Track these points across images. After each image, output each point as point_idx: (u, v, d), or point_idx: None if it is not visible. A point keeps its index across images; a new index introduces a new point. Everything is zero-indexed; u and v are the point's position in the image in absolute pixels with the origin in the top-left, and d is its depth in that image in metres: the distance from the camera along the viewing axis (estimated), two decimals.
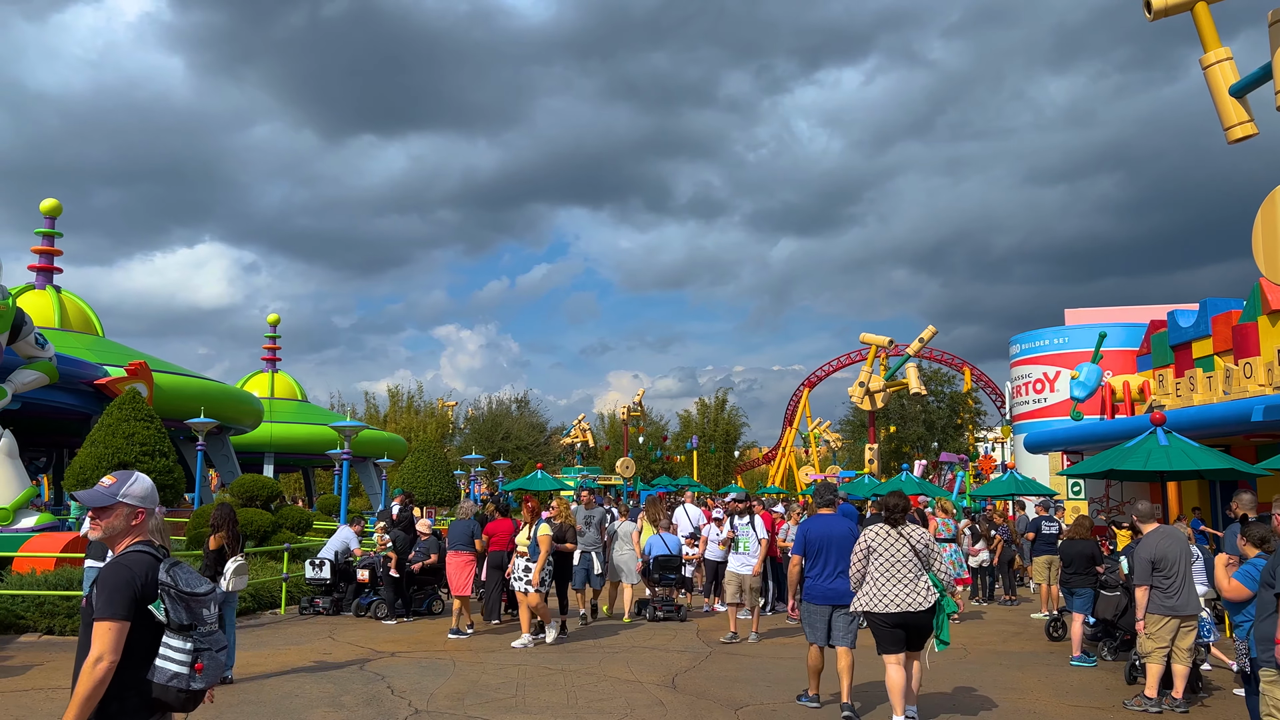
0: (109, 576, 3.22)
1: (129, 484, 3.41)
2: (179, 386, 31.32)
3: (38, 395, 17.62)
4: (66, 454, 35.70)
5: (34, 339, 14.91)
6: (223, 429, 33.49)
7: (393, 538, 13.45)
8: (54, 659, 9.88)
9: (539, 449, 66.65)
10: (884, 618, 7.21)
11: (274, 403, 44.69)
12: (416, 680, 9.05)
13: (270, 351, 49.12)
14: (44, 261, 34.92)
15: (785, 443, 61.06)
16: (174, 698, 3.23)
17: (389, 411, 70.21)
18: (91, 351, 30.22)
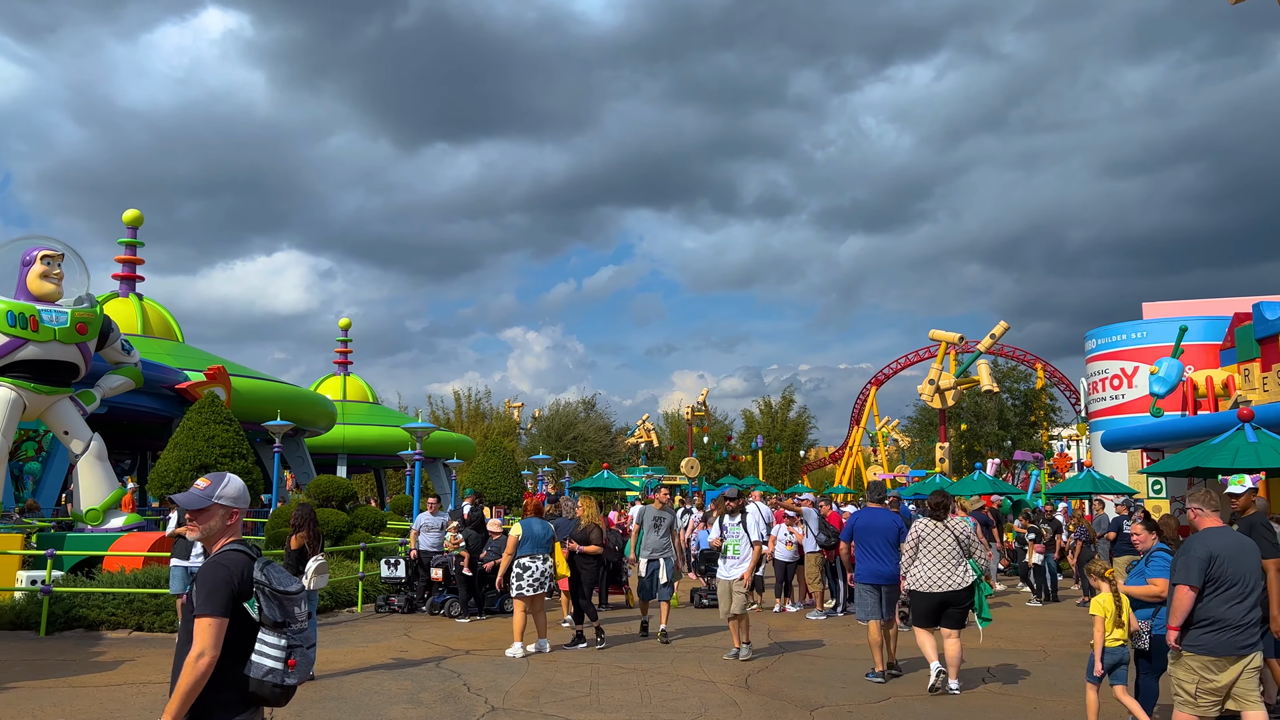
0: (208, 575, 3.33)
1: (222, 486, 3.51)
2: (256, 390, 32.12)
3: (123, 399, 18.24)
4: (150, 456, 36.93)
5: (120, 345, 15.41)
6: (298, 431, 34.26)
7: (465, 537, 13.63)
8: (144, 654, 10.21)
9: (605, 449, 66.93)
10: (929, 596, 8.66)
11: (346, 405, 45.58)
12: (492, 678, 9.16)
13: (342, 355, 50.10)
14: (127, 270, 36.15)
15: (852, 442, 60.38)
16: (269, 692, 3.32)
17: (457, 413, 71.17)
18: (172, 357, 31.18)
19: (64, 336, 13.76)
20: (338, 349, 50.32)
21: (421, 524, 14.29)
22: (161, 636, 11.33)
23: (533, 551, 10.60)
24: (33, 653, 10.24)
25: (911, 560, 8.81)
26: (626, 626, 12.87)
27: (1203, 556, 5.85)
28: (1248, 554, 5.95)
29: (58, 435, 14.98)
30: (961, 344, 45.45)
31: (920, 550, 8.76)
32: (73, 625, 11.59)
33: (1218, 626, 5.77)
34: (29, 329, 13.44)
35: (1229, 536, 6.04)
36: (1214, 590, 5.81)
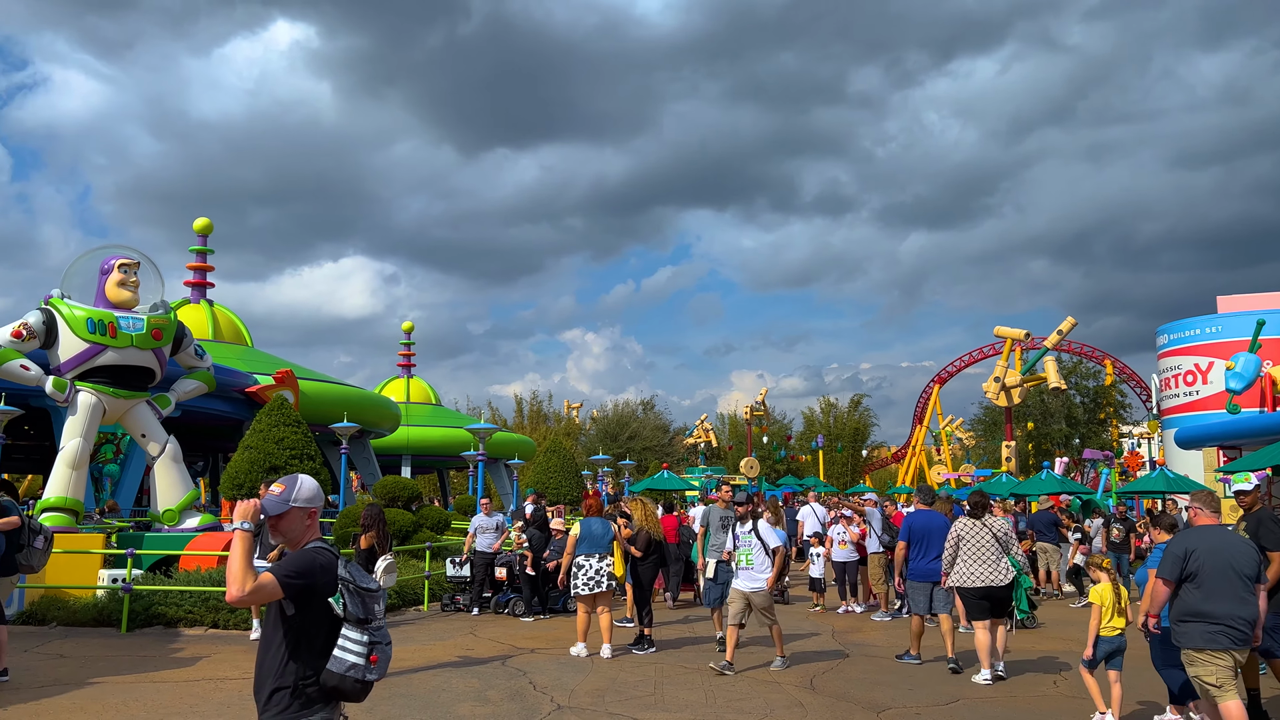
0: (300, 556, 3.45)
1: (297, 489, 3.61)
2: (323, 393, 32.76)
3: (195, 403, 18.74)
4: (221, 458, 37.91)
5: (194, 350, 15.84)
6: (364, 433, 34.87)
7: (528, 536, 13.75)
8: (219, 651, 10.49)
9: (664, 449, 66.96)
10: (972, 591, 9.17)
11: (410, 407, 46.26)
12: (557, 676, 9.23)
13: (405, 358, 50.86)
14: (198, 277, 37.17)
15: (915, 441, 59.58)
16: (351, 687, 3.40)
17: (518, 414, 71.79)
18: (242, 361, 31.98)
19: (141, 342, 14.19)
20: (401, 352, 51.09)
21: (476, 525, 14.42)
22: (236, 634, 11.63)
23: (590, 551, 10.65)
24: (115, 649, 10.58)
25: (953, 558, 9.35)
26: (689, 628, 12.88)
27: (1179, 553, 6.23)
28: (1234, 550, 6.18)
29: (135, 438, 15.43)
30: (1027, 340, 44.56)
31: (961, 548, 9.30)
32: (152, 622, 11.95)
33: (1201, 620, 6.10)
34: (108, 335, 13.88)
35: (1212, 534, 6.29)
36: (1193, 585, 6.16)
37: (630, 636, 11.46)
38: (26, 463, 34.57)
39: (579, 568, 10.56)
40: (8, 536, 8.67)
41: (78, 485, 14.07)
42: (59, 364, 13.95)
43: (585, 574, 10.51)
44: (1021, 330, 44.54)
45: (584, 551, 10.62)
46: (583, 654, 10.30)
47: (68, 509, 13.84)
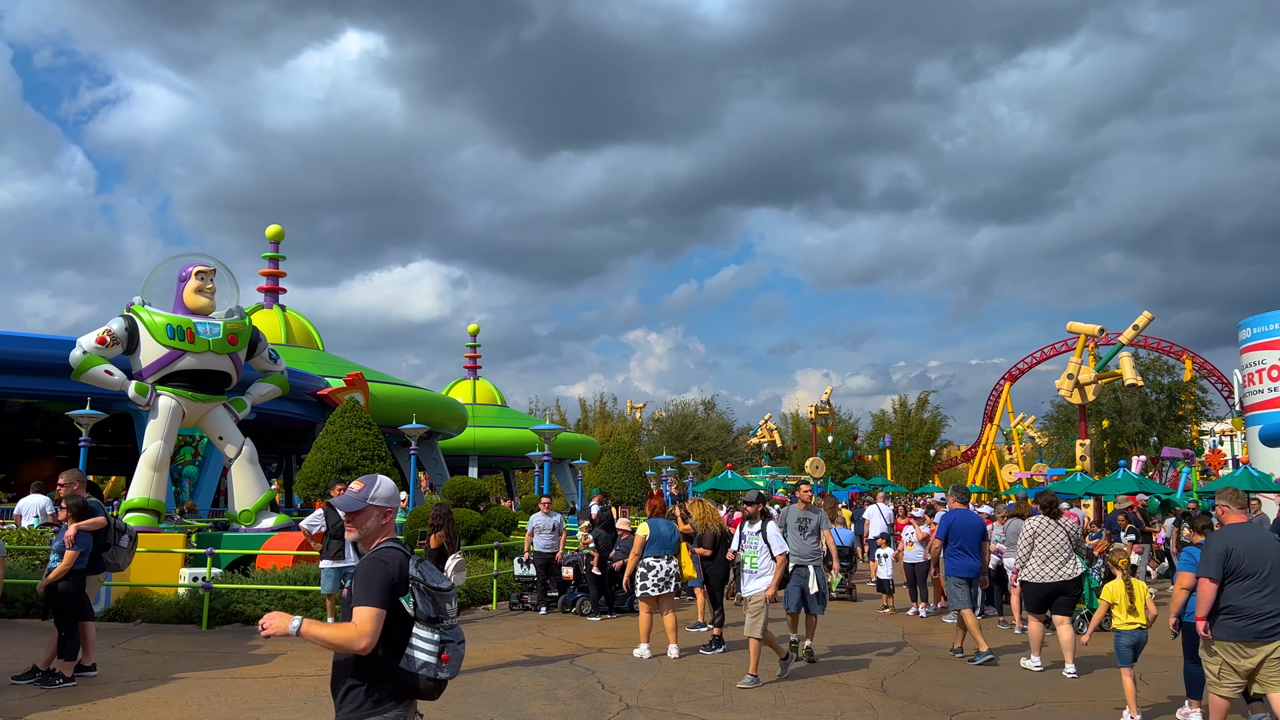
0: (367, 569, 3.48)
1: (375, 488, 3.67)
2: (392, 395, 33.32)
3: (269, 406, 19.23)
4: (295, 460, 38.80)
5: (268, 354, 16.25)
6: (432, 434, 35.38)
7: (594, 536, 13.81)
8: (296, 649, 10.72)
9: (727, 449, 66.74)
10: (1042, 587, 9.65)
11: (476, 408, 46.82)
12: (625, 676, 9.26)
13: (471, 360, 51.47)
14: (270, 283, 38.11)
15: (986, 440, 58.47)
16: (424, 685, 3.45)
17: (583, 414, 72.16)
18: (313, 364, 32.70)
19: (217, 347, 14.59)
20: (467, 354, 51.71)
21: (534, 525, 14.50)
22: None
23: (658, 552, 10.62)
24: (196, 645, 10.89)
25: (1027, 554, 9.79)
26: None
27: (1220, 550, 6.44)
28: (1267, 547, 6.44)
29: (213, 440, 15.87)
30: (1102, 336, 43.37)
31: (1035, 545, 9.75)
32: (231, 620, 12.28)
33: (1236, 614, 6.34)
34: (186, 341, 14.31)
35: (1248, 531, 6.54)
36: (1232, 580, 6.39)
37: (701, 639, 11.43)
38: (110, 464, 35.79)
39: (649, 569, 10.55)
40: (95, 536, 8.98)
41: (159, 486, 14.52)
42: (140, 369, 14.42)
43: (656, 575, 10.51)
44: (1095, 326, 43.39)
45: (653, 553, 10.62)
46: (645, 655, 10.30)
47: (150, 509, 14.29)
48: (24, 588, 12.41)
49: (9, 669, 9.05)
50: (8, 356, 23.23)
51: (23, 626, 11.81)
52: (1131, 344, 43.82)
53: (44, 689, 8.38)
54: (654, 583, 10.50)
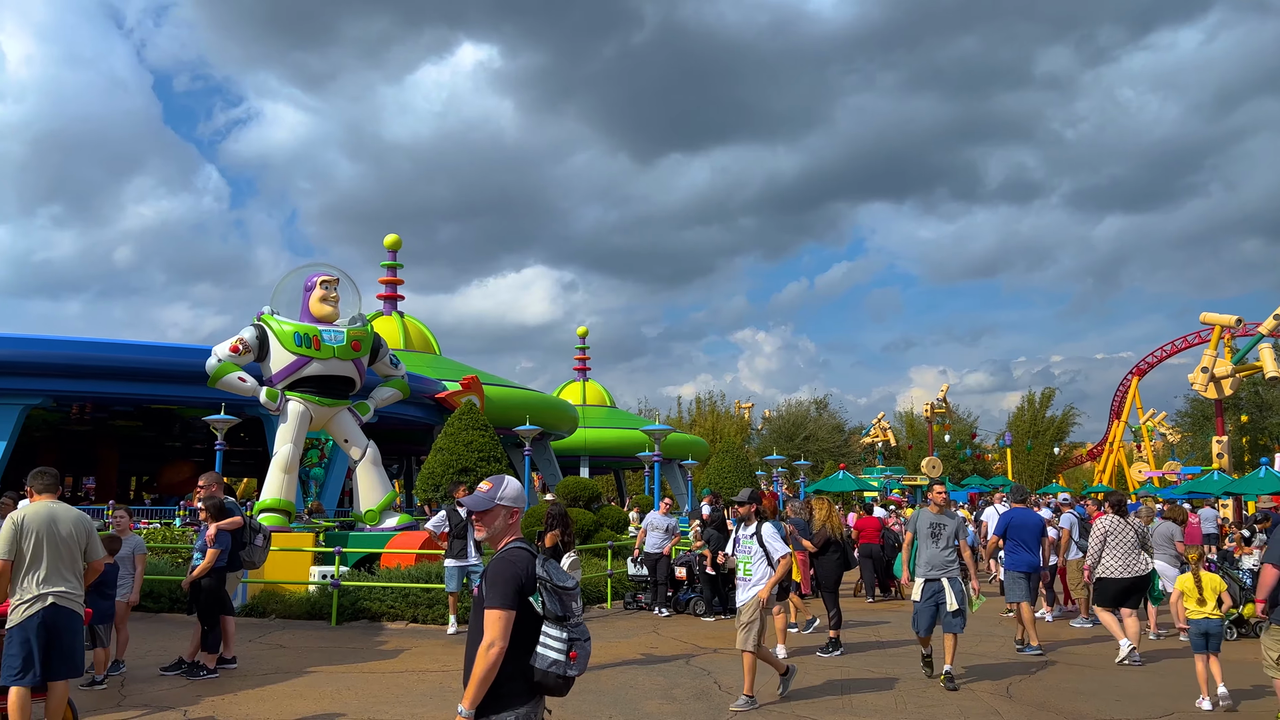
0: (496, 570, 3.57)
1: (503, 488, 3.76)
2: (505, 397, 33.99)
3: (390, 409, 19.87)
4: (414, 461, 40.02)
5: (389, 360, 16.79)
6: (544, 435, 35.94)
7: (707, 537, 13.80)
8: (420, 645, 11.06)
9: (839, 449, 65.74)
10: (1116, 581, 10.25)
11: (586, 409, 47.35)
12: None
13: (581, 362, 52.09)
14: (389, 290, 39.38)
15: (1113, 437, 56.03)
16: (553, 682, 3.52)
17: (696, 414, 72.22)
18: (431, 369, 33.64)
19: (342, 353, 15.16)
20: (576, 356, 52.35)
21: (650, 523, 14.54)
22: (434, 628, 12.23)
23: None
24: (327, 640, 11.34)
25: (1100, 551, 10.39)
26: (874, 631, 12.59)
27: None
28: None
29: (339, 443, 16.49)
30: (1239, 327, 41.08)
31: (1107, 542, 10.35)
32: (358, 616, 12.74)
33: None
34: (312, 348, 14.91)
35: None
36: None
37: (806, 641, 11.30)
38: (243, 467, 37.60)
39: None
40: (233, 535, 9.45)
41: (290, 488, 15.17)
42: (270, 375, 15.09)
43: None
44: (1232, 316, 41.12)
45: None
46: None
47: (281, 510, 14.95)
48: (169, 584, 13.15)
49: (157, 660, 9.61)
50: (151, 366, 24.68)
51: (168, 620, 12.51)
52: (1272, 334, 41.34)
53: (189, 680, 8.86)
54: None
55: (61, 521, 6.30)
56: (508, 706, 3.55)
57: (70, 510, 6.49)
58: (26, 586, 6.09)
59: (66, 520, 6.34)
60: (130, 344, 25.86)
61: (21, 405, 24.00)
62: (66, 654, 6.22)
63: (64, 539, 6.27)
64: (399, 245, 39.50)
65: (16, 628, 6.03)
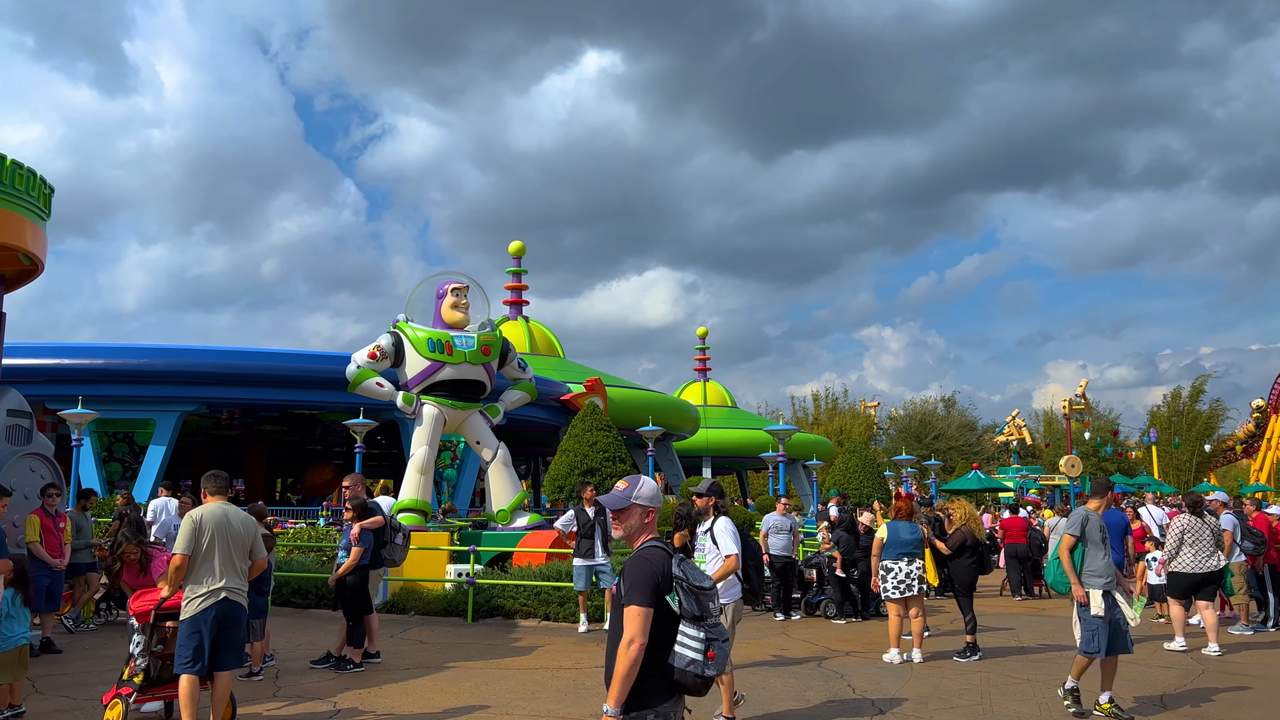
0: (633, 568, 3.62)
1: (639, 487, 3.81)
2: (628, 399, 34.30)
3: (517, 412, 20.33)
4: (540, 463, 40.82)
5: (517, 363, 17.19)
6: (666, 435, 36.11)
7: (835, 538, 13.61)
8: (553, 642, 11.27)
9: (970, 448, 63.74)
10: (1189, 576, 11.04)
11: (707, 410, 47.36)
12: (875, 680, 9.06)
13: (701, 362, 52.11)
14: (514, 296, 40.30)
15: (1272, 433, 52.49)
16: (692, 681, 3.54)
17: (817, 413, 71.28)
18: (555, 371, 34.27)
19: (473, 358, 15.61)
20: (697, 357, 52.39)
21: (770, 525, 14.41)
22: (565, 626, 12.44)
23: (896, 555, 10.37)
24: (464, 637, 11.68)
25: (1176, 549, 11.12)
26: (1014, 636, 12.18)
27: None
28: None
29: (471, 445, 16.97)
30: None
31: (1184, 540, 11.08)
32: (492, 613, 13.08)
33: None
34: (445, 353, 15.41)
35: None
36: None
37: (941, 645, 11.00)
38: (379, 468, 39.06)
39: (888, 571, 10.33)
40: (375, 534, 9.84)
41: (425, 488, 15.70)
42: (406, 380, 15.66)
43: (895, 577, 10.27)
44: None
45: (891, 556, 10.39)
46: (896, 660, 10.04)
47: (418, 509, 15.48)
48: (315, 581, 13.79)
49: (307, 654, 10.09)
50: (294, 373, 25.98)
51: (315, 616, 13.12)
52: None
53: (337, 673, 9.27)
54: (893, 585, 10.29)
55: (233, 521, 6.74)
56: (648, 705, 3.58)
57: (239, 511, 6.94)
58: (201, 581, 6.52)
59: (236, 520, 6.77)
60: (275, 352, 27.33)
61: (178, 412, 25.60)
62: (233, 646, 6.63)
63: (235, 537, 6.69)
64: (523, 251, 40.38)
65: (190, 619, 6.45)
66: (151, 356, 25.28)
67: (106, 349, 25.56)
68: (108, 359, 24.86)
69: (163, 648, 7.04)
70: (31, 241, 10.44)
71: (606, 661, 3.67)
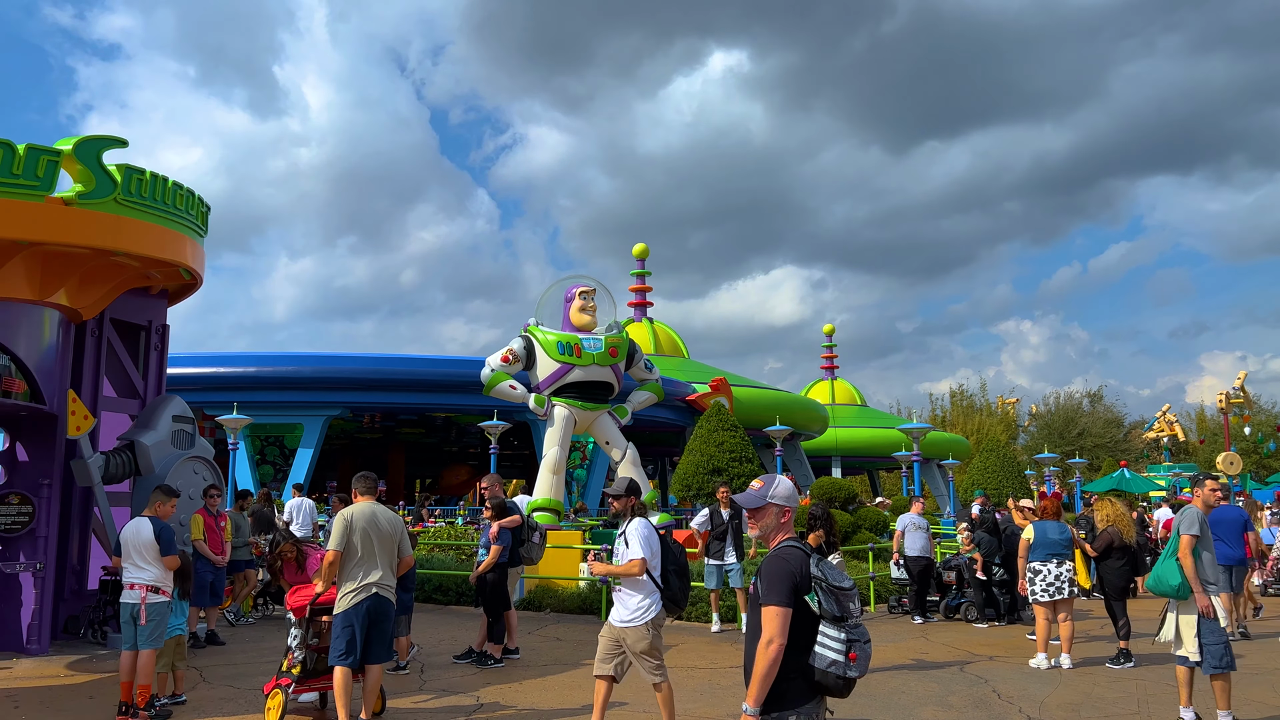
0: (770, 567, 3.61)
1: (774, 487, 3.79)
2: (754, 398, 34.11)
3: (644, 413, 20.46)
4: (668, 463, 41.00)
5: (644, 364, 17.32)
6: (794, 435, 35.73)
7: (977, 540, 13.19)
8: (685, 642, 11.29)
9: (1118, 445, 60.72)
10: None
11: (835, 408, 46.61)
12: (1022, 686, 8.73)
13: (828, 360, 51.35)
14: (638, 298, 40.63)
15: None
16: (833, 682, 3.50)
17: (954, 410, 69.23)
18: (680, 372, 34.37)
19: (601, 360, 15.82)
20: (824, 355, 51.68)
21: (907, 524, 14.03)
22: (697, 626, 12.45)
23: (1044, 556, 9.98)
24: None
25: None
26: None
27: None
28: None
29: (600, 445, 17.18)
30: None
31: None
32: None
33: None
34: (574, 355, 15.66)
35: None
36: None
37: (1093, 651, 10.50)
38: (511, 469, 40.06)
39: (1035, 573, 9.96)
40: (513, 533, 10.09)
41: (558, 488, 15.99)
42: (537, 383, 16.00)
43: (1043, 580, 9.88)
44: None
45: (1039, 557, 9.99)
46: (1045, 665, 9.65)
47: (551, 509, 15.77)
48: (455, 579, 14.22)
49: (449, 650, 10.42)
50: (432, 377, 26.92)
51: (456, 612, 13.53)
52: None
53: (479, 668, 9.53)
54: (1041, 588, 9.91)
55: (382, 520, 7.04)
56: (790, 705, 3.56)
57: (388, 510, 7.25)
58: (354, 576, 6.83)
59: (385, 519, 7.08)
60: (413, 358, 28.36)
61: (325, 416, 26.87)
62: (383, 640, 6.93)
63: (384, 535, 6.99)
64: (646, 254, 40.67)
65: (343, 614, 6.76)
66: (300, 364, 26.65)
67: (259, 357, 27.10)
68: (259, 367, 26.33)
69: (318, 641, 7.41)
70: (191, 257, 11.13)
71: (745, 661, 3.66)
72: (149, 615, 7.24)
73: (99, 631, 10.59)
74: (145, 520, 7.50)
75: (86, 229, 9.43)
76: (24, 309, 9.86)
